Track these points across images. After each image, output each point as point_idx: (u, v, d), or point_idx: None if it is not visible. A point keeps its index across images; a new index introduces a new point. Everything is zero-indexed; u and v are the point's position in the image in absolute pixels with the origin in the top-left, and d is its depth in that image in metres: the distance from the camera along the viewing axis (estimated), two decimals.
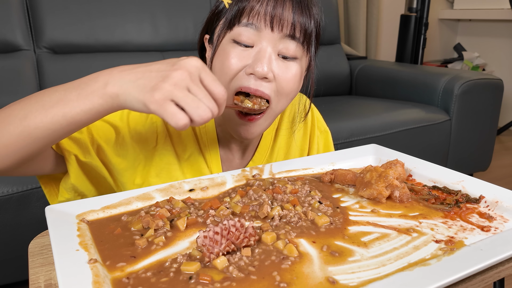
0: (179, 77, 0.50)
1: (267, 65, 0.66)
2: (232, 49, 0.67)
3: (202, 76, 0.53)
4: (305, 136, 0.92)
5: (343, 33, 3.08)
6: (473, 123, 2.09)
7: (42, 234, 0.57)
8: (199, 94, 0.51)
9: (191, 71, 0.52)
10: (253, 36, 0.67)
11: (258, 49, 0.67)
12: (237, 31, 0.67)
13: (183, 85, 0.50)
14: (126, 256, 0.48)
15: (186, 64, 0.52)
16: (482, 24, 3.47)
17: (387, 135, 1.83)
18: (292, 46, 0.68)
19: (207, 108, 0.51)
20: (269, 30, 0.66)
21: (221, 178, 0.70)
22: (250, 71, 0.66)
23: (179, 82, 0.50)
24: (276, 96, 0.70)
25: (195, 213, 0.59)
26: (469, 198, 0.64)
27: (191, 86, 0.51)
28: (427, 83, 2.12)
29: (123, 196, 0.62)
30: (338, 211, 0.60)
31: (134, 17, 1.85)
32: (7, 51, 1.66)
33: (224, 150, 0.84)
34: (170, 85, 0.50)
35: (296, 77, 0.70)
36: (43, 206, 1.18)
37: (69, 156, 0.68)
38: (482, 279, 0.46)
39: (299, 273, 0.45)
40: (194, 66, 0.52)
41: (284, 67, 0.69)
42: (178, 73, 0.51)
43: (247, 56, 0.67)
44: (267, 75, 0.67)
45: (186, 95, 0.50)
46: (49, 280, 0.47)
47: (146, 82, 0.51)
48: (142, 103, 0.51)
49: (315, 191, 0.65)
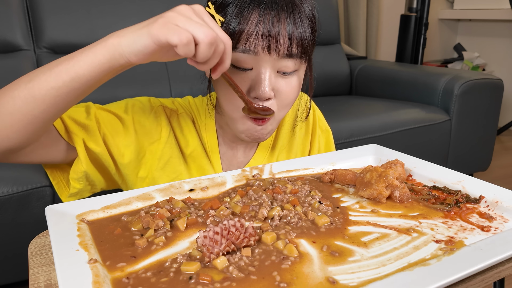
0: (182, 9, 0.52)
1: (268, 86, 0.67)
2: (232, 75, 0.67)
3: (205, 20, 0.53)
4: (306, 135, 0.92)
5: (343, 33, 3.08)
6: (473, 123, 2.09)
7: (42, 234, 0.57)
8: (203, 21, 0.52)
9: (194, 8, 0.53)
10: (251, 60, 0.67)
11: (258, 72, 0.68)
12: (235, 57, 0.66)
13: (186, 14, 0.51)
14: (127, 256, 0.48)
15: (189, 6, 0.53)
16: (482, 24, 3.47)
17: (387, 135, 1.83)
18: (291, 63, 0.68)
19: (211, 29, 0.51)
20: (266, 54, 0.66)
21: (221, 178, 0.70)
22: (254, 95, 0.68)
23: (182, 12, 0.52)
24: (278, 107, 0.72)
25: (195, 213, 0.59)
26: (469, 198, 0.64)
27: (194, 17, 0.52)
28: (427, 83, 2.12)
29: (123, 196, 0.62)
30: (338, 211, 0.60)
31: (134, 17, 1.84)
32: (7, 51, 1.66)
33: (226, 147, 0.84)
34: (172, 12, 0.52)
35: (295, 88, 0.72)
36: (43, 206, 1.18)
37: (79, 140, 0.69)
38: (482, 279, 0.46)
39: (299, 273, 0.45)
40: (198, 6, 0.54)
41: (284, 82, 0.70)
42: (180, 7, 0.52)
43: (248, 79, 0.68)
44: (270, 96, 0.68)
45: (189, 19, 0.51)
46: (49, 280, 0.47)
47: (147, 22, 0.53)
48: (143, 37, 0.52)
49: (315, 191, 0.65)
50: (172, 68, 1.89)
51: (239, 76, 0.68)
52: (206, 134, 0.82)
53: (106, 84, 1.95)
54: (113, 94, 1.75)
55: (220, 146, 0.84)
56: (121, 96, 1.80)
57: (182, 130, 0.80)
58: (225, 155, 0.84)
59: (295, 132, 0.90)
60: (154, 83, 1.84)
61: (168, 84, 1.87)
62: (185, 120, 0.81)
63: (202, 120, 0.83)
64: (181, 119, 0.81)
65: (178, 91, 1.88)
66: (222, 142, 0.84)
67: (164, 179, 0.78)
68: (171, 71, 1.88)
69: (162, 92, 1.85)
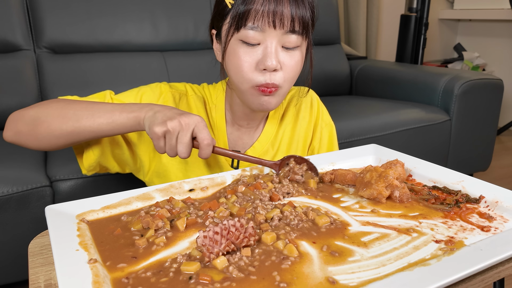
0: (174, 125, 0.68)
1: (275, 58, 0.75)
2: (241, 50, 0.76)
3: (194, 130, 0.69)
4: (309, 125, 0.97)
5: (343, 33, 3.08)
6: (473, 123, 2.08)
7: (42, 234, 0.57)
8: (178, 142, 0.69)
9: (185, 123, 0.68)
10: (258, 36, 0.75)
11: (265, 46, 0.76)
12: (244, 33, 0.75)
13: (175, 130, 0.68)
14: (128, 257, 0.48)
15: (186, 118, 0.69)
16: (482, 24, 3.47)
17: (387, 135, 1.83)
18: (294, 38, 0.76)
19: (176, 153, 0.69)
20: (272, 29, 0.74)
21: (221, 178, 0.70)
22: (262, 67, 0.76)
23: (174, 128, 0.68)
24: (284, 80, 0.79)
25: (195, 213, 0.59)
26: (469, 198, 0.64)
27: (180, 134, 0.68)
28: (427, 83, 2.12)
29: (123, 196, 0.63)
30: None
31: (134, 17, 1.84)
32: (7, 51, 1.66)
33: (232, 129, 0.91)
34: (168, 126, 0.68)
35: (299, 63, 0.80)
36: (43, 206, 1.18)
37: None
38: (482, 279, 0.46)
39: (299, 273, 0.45)
40: (191, 120, 0.69)
41: (289, 56, 0.78)
42: (174, 122, 0.68)
43: (256, 53, 0.76)
44: (277, 67, 0.76)
45: (171, 139, 0.69)
46: (49, 280, 0.47)
47: (158, 117, 0.69)
48: (148, 131, 0.70)
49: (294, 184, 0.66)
50: (172, 68, 1.89)
51: (249, 52, 0.76)
52: (216, 114, 0.91)
53: (106, 85, 1.95)
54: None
55: (228, 126, 0.91)
56: None
57: (191, 110, 0.89)
58: (232, 135, 0.92)
59: (298, 120, 0.96)
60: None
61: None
62: (194, 102, 0.91)
63: (213, 101, 0.92)
64: (191, 100, 0.91)
65: None
66: (230, 122, 0.91)
67: (171, 160, 0.87)
68: (171, 71, 1.88)
69: None
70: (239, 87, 0.80)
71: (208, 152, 0.69)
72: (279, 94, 0.80)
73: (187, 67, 1.90)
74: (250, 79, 0.77)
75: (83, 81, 1.71)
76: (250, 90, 0.79)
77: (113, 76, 1.75)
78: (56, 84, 1.68)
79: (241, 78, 0.78)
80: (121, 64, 1.77)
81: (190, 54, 1.93)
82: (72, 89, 1.68)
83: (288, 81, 0.80)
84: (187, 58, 1.91)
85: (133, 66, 1.80)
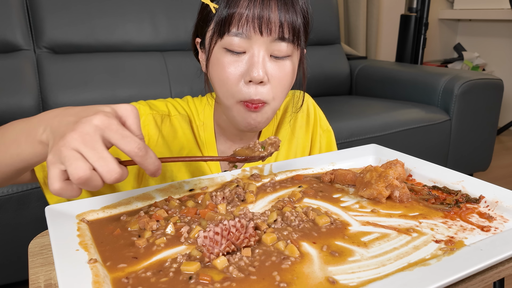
0: (71, 138, 0.44)
1: (262, 69, 0.68)
2: (225, 59, 0.69)
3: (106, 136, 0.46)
4: (307, 133, 0.92)
5: (343, 33, 3.08)
6: (473, 123, 2.09)
7: (42, 234, 0.57)
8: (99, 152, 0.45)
9: (82, 135, 0.45)
10: (244, 43, 0.68)
11: (251, 54, 0.68)
12: (228, 40, 0.68)
13: (72, 146, 0.44)
14: (128, 257, 0.48)
15: (83, 125, 0.45)
16: (482, 24, 3.47)
17: (387, 135, 1.83)
18: (283, 47, 0.69)
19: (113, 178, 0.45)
20: (258, 35, 0.67)
21: (221, 178, 0.70)
22: (248, 79, 0.68)
23: (69, 142, 0.44)
24: (273, 94, 0.72)
25: (183, 219, 0.57)
26: (469, 198, 0.64)
27: (82, 148, 0.44)
28: (427, 83, 2.12)
29: (123, 196, 0.62)
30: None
31: (134, 17, 1.85)
32: (7, 51, 1.66)
33: (224, 147, 0.84)
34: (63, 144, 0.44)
35: (289, 75, 0.72)
36: (43, 206, 1.18)
37: None
38: (482, 279, 0.46)
39: (299, 273, 0.45)
40: (95, 126, 0.45)
41: (277, 67, 0.70)
42: (72, 134, 0.45)
43: (241, 62, 0.69)
44: (263, 79, 0.68)
45: (70, 156, 0.44)
46: (49, 280, 0.47)
47: (59, 131, 0.47)
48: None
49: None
50: (172, 68, 1.89)
51: (233, 62, 0.69)
52: (204, 133, 0.82)
53: (106, 85, 1.95)
54: (114, 94, 1.75)
55: (219, 145, 0.84)
56: (121, 96, 1.81)
57: (176, 132, 0.80)
58: (224, 154, 0.84)
59: (295, 130, 0.90)
60: (154, 83, 1.84)
61: (168, 84, 1.87)
62: (179, 122, 0.81)
63: (200, 119, 0.83)
64: (175, 121, 0.81)
65: (178, 91, 1.88)
66: (221, 140, 0.84)
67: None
68: (171, 71, 1.88)
69: (162, 92, 1.85)
70: (224, 102, 0.73)
71: (150, 166, 0.48)
72: (266, 111, 0.72)
73: (187, 67, 1.90)
74: (234, 92, 0.69)
75: (83, 81, 1.71)
76: (235, 106, 0.71)
77: (113, 76, 1.75)
78: (56, 84, 1.68)
79: (226, 92, 0.71)
80: (121, 64, 1.78)
81: (190, 54, 1.93)
82: (72, 89, 1.69)
83: (277, 98, 0.72)
84: (187, 58, 1.92)
85: (133, 66, 1.80)
